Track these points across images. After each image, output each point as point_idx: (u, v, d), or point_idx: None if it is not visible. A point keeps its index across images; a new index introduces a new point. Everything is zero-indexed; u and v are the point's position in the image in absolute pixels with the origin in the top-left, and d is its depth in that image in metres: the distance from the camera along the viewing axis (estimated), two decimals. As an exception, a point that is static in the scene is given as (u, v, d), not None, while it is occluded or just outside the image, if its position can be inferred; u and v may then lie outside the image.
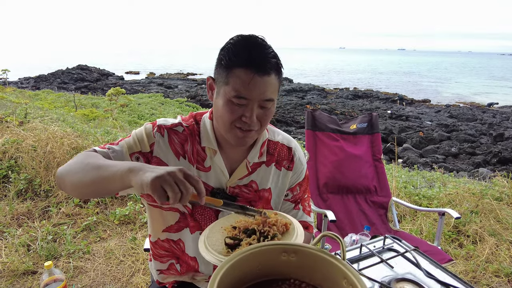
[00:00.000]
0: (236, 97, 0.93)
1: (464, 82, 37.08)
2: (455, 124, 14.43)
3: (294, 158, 1.18)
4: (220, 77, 0.97)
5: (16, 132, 3.90)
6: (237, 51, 0.94)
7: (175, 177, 0.74)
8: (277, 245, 0.76)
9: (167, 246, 1.18)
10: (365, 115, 2.62)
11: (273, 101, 0.97)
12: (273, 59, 0.95)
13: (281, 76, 0.99)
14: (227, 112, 0.96)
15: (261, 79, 0.92)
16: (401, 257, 0.95)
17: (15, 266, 2.37)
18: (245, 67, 0.92)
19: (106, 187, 0.87)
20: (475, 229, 3.05)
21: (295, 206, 1.23)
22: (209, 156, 1.08)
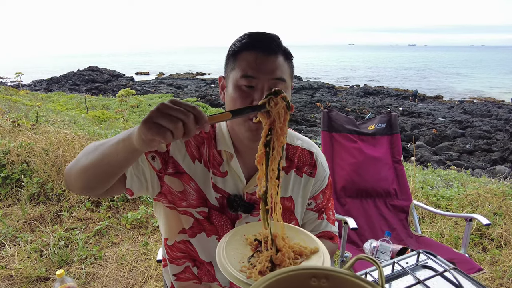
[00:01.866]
0: (243, 77, 0.90)
1: (477, 77, 36.28)
2: (469, 120, 14.10)
3: (317, 163, 1.10)
4: (229, 68, 0.96)
5: (28, 135, 3.91)
6: (242, 38, 0.95)
7: (167, 108, 0.63)
8: (306, 270, 0.68)
9: (183, 248, 1.11)
10: (383, 115, 2.51)
11: (284, 81, 0.92)
12: (280, 42, 0.94)
13: (290, 62, 0.96)
14: (237, 100, 0.91)
15: (267, 58, 0.90)
16: (439, 276, 0.86)
17: (28, 273, 2.35)
18: (251, 49, 0.91)
19: (110, 162, 0.77)
20: (500, 232, 2.92)
21: (319, 215, 1.14)
22: (226, 160, 1.01)
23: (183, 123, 0.64)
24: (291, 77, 0.98)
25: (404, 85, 26.65)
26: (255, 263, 0.80)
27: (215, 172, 1.01)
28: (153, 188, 0.99)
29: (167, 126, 0.63)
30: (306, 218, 1.14)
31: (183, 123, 0.64)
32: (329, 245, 1.16)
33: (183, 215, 1.05)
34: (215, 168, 1.01)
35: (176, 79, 28.03)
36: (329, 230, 1.16)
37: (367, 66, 54.93)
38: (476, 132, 12.08)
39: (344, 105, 16.57)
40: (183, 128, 0.64)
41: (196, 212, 1.03)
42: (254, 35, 0.95)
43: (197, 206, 1.03)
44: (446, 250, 1.98)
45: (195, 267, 1.13)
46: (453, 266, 0.87)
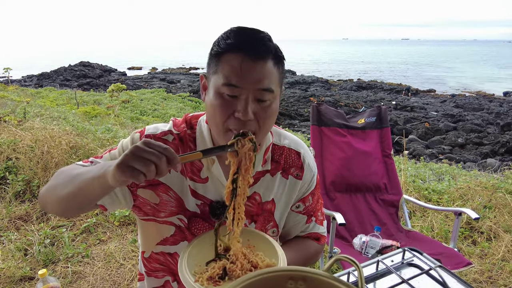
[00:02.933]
0: (226, 85, 0.80)
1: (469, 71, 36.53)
2: (461, 114, 14.19)
3: (304, 165, 1.03)
4: (211, 69, 0.85)
5: (14, 132, 3.81)
6: (227, 36, 0.83)
7: (140, 152, 0.66)
8: (282, 272, 0.65)
9: (162, 260, 1.07)
10: (373, 109, 2.48)
11: (272, 92, 0.82)
12: (270, 43, 0.83)
13: (281, 65, 0.86)
14: (218, 108, 0.82)
15: (254, 64, 0.80)
16: (424, 274, 0.83)
17: (12, 272, 2.29)
18: (236, 51, 0.80)
19: (86, 195, 0.81)
20: (489, 225, 2.93)
21: (308, 219, 1.09)
22: (206, 166, 0.95)
23: (156, 165, 0.66)
24: (281, 84, 0.88)
25: (398, 80, 26.74)
26: (210, 268, 0.80)
27: (194, 178, 0.96)
28: (126, 202, 0.95)
29: (140, 169, 0.65)
30: (294, 221, 1.09)
31: (155, 165, 0.66)
32: (313, 247, 1.12)
33: (163, 224, 1.00)
34: (194, 174, 0.96)
35: (169, 73, 27.78)
36: (316, 231, 1.11)
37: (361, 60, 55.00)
38: (468, 126, 12.17)
39: (338, 99, 16.57)
40: (156, 169, 0.67)
41: (177, 219, 0.99)
42: (241, 34, 0.83)
43: (177, 213, 0.98)
44: (435, 245, 1.97)
45: (175, 282, 1.08)
46: (439, 264, 0.84)
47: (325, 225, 1.17)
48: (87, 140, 3.96)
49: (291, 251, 1.02)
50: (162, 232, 1.01)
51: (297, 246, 1.08)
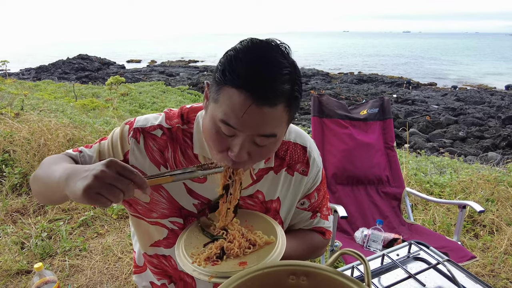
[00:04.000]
0: (223, 122, 0.71)
1: (471, 64, 36.33)
2: (462, 107, 14.12)
3: (310, 160, 0.97)
4: (212, 90, 0.74)
5: (10, 124, 3.76)
6: (236, 67, 0.68)
7: (107, 178, 0.62)
8: (284, 267, 0.61)
9: (156, 262, 1.03)
10: (376, 100, 2.43)
11: (274, 136, 0.73)
12: (286, 84, 0.69)
13: (294, 106, 0.73)
14: (213, 140, 0.75)
15: (259, 110, 0.68)
16: (431, 268, 0.79)
17: (8, 266, 2.26)
18: (241, 90, 0.67)
19: (55, 196, 0.77)
20: (492, 219, 2.89)
21: (313, 215, 1.05)
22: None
23: (123, 192, 0.63)
24: (290, 122, 0.77)
25: (399, 72, 26.60)
26: (207, 249, 0.78)
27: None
28: None
29: (107, 197, 0.62)
30: (298, 218, 1.04)
31: (122, 192, 0.63)
32: (318, 240, 1.08)
33: (154, 225, 0.95)
34: None
35: (168, 66, 27.63)
36: (321, 225, 1.07)
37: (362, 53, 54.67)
38: (469, 119, 12.12)
39: (338, 92, 16.50)
40: (123, 195, 0.64)
41: (169, 222, 0.94)
42: (252, 67, 0.68)
43: (169, 215, 0.93)
44: (439, 238, 1.93)
45: (171, 284, 1.04)
46: (447, 258, 0.80)
47: (331, 220, 1.13)
48: (85, 133, 3.91)
49: (295, 240, 0.98)
50: (153, 234, 0.97)
51: (301, 236, 1.04)
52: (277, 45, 0.72)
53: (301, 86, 0.73)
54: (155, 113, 0.96)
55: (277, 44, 0.72)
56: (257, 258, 0.75)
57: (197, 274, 0.72)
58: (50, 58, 26.08)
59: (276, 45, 0.72)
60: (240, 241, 0.79)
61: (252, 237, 0.81)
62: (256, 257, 0.76)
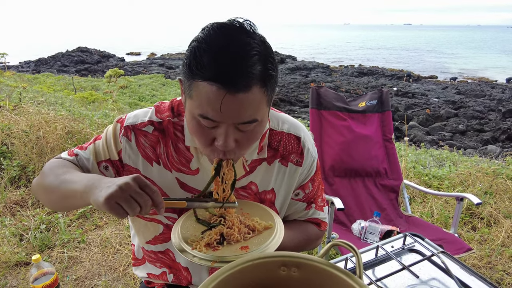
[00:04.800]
0: (201, 117, 0.70)
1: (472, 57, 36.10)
2: (462, 100, 14.06)
3: (304, 150, 0.96)
4: (185, 86, 0.72)
5: (8, 116, 3.75)
6: (200, 59, 0.66)
7: (129, 190, 0.66)
8: (275, 258, 0.60)
9: (154, 257, 1.04)
10: (374, 92, 2.41)
11: (256, 121, 0.72)
12: (257, 65, 0.66)
13: (270, 84, 0.70)
14: (197, 134, 0.75)
15: (234, 98, 0.66)
16: (426, 260, 0.79)
17: (7, 257, 2.27)
18: (211, 82, 0.65)
19: (73, 205, 0.83)
20: (490, 211, 2.89)
21: (308, 206, 1.04)
22: (196, 156, 0.89)
23: (140, 207, 0.67)
24: (270, 102, 0.75)
25: (399, 66, 26.46)
26: (206, 236, 0.78)
27: (182, 170, 0.90)
28: None
29: (126, 209, 0.66)
30: (293, 209, 1.04)
31: (140, 207, 0.67)
32: (313, 231, 1.08)
33: (151, 222, 0.96)
34: (183, 166, 0.90)
35: (167, 59, 27.46)
36: (316, 216, 1.06)
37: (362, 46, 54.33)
38: (469, 112, 12.08)
39: (339, 85, 16.43)
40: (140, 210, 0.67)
41: (164, 217, 0.94)
42: (217, 57, 0.65)
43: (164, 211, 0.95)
44: (436, 230, 1.93)
45: (171, 274, 1.05)
46: (442, 250, 0.80)
47: (326, 211, 1.12)
48: (83, 125, 3.90)
49: (290, 231, 0.97)
50: (150, 229, 0.97)
51: (296, 226, 1.04)
52: (240, 24, 0.69)
53: (274, 61, 0.70)
54: (146, 107, 0.95)
55: (241, 24, 0.69)
56: (257, 242, 0.77)
57: (198, 260, 0.72)
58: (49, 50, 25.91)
59: (239, 25, 0.69)
60: (239, 226, 0.80)
61: (251, 223, 0.82)
62: (256, 241, 0.77)
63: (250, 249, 0.74)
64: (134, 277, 2.20)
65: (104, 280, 2.17)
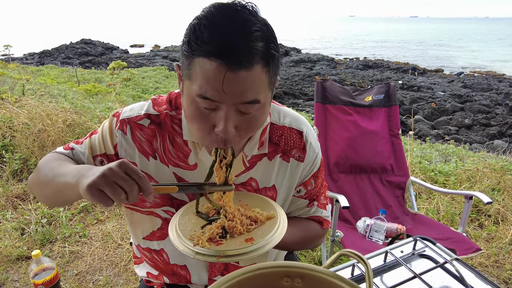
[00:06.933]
0: (200, 97, 0.66)
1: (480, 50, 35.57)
2: (469, 94, 13.86)
3: (306, 145, 0.92)
4: (183, 67, 0.70)
5: (10, 109, 3.73)
6: (200, 34, 0.63)
7: (113, 176, 0.62)
8: (277, 268, 0.56)
9: (149, 256, 1.00)
10: (381, 85, 2.34)
11: (258, 103, 0.68)
12: (259, 42, 0.64)
13: (273, 64, 0.68)
14: (195, 120, 0.71)
15: (236, 75, 0.63)
16: (438, 267, 0.75)
17: (9, 252, 2.26)
18: (212, 58, 0.63)
19: (67, 198, 0.79)
20: (497, 208, 2.84)
21: (309, 203, 1.00)
22: (194, 151, 0.86)
23: (126, 193, 0.63)
24: (272, 86, 0.72)
25: (405, 58, 26.15)
26: (206, 231, 0.74)
27: (180, 165, 0.86)
28: None
29: (110, 196, 0.62)
30: (294, 206, 1.00)
31: (126, 193, 0.63)
32: (315, 229, 1.04)
33: (149, 215, 0.92)
34: (181, 161, 0.86)
35: (171, 51, 27.30)
36: (318, 215, 1.02)
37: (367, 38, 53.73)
38: (476, 107, 11.91)
39: (343, 78, 16.27)
40: (126, 197, 0.63)
41: (162, 211, 0.91)
42: (219, 32, 0.63)
43: (162, 204, 0.90)
44: (444, 229, 1.88)
45: (165, 277, 1.02)
46: (455, 257, 0.75)
47: (329, 209, 1.08)
48: (85, 118, 3.87)
49: (290, 227, 0.94)
50: (148, 224, 0.94)
51: (297, 223, 1.00)
52: (243, 5, 0.67)
53: (277, 43, 0.68)
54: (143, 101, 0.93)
55: (243, 4, 0.67)
56: (262, 233, 0.74)
57: (201, 257, 0.69)
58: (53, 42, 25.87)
59: (242, 5, 0.67)
60: (241, 218, 0.77)
61: (252, 214, 0.79)
62: (260, 232, 0.74)
63: (255, 241, 0.71)
64: (135, 273, 2.18)
65: (105, 275, 2.16)
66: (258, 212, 0.80)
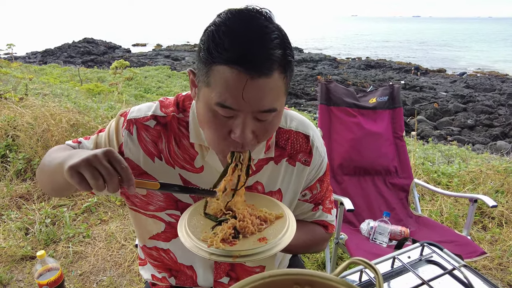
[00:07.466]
0: (219, 105, 0.66)
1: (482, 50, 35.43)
2: (471, 94, 13.82)
3: (313, 149, 0.92)
4: (200, 74, 0.69)
5: (14, 109, 3.74)
6: (220, 41, 0.63)
7: (95, 162, 0.63)
8: (287, 275, 0.56)
9: (156, 255, 1.00)
10: (385, 87, 2.34)
11: (275, 111, 0.69)
12: (277, 49, 0.64)
13: (289, 71, 0.69)
14: (211, 126, 0.71)
15: (256, 83, 0.63)
16: (445, 273, 0.75)
17: (13, 251, 2.27)
18: (232, 65, 0.63)
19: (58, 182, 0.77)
20: (501, 211, 2.83)
21: (314, 207, 1.00)
22: (201, 154, 0.86)
23: (105, 181, 0.63)
24: (287, 92, 0.73)
25: (407, 58, 26.08)
26: (218, 231, 0.74)
27: (186, 167, 0.86)
28: None
29: (88, 180, 0.63)
30: (299, 210, 1.00)
31: (104, 180, 0.63)
32: (320, 233, 1.04)
33: (152, 218, 0.92)
34: (187, 163, 0.86)
35: (173, 50, 27.33)
36: (323, 219, 1.03)
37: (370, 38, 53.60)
38: (478, 107, 11.88)
39: (346, 78, 16.24)
40: (104, 185, 0.64)
41: (166, 215, 0.90)
42: (239, 39, 0.63)
43: (166, 208, 0.90)
44: (448, 232, 1.88)
45: (172, 278, 1.02)
46: (463, 263, 0.75)
47: (334, 214, 1.08)
48: (89, 118, 3.88)
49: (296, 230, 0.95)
50: (152, 227, 0.94)
51: (302, 226, 0.99)
52: (258, 11, 0.67)
53: (292, 49, 0.69)
54: (150, 102, 0.93)
55: (258, 10, 0.67)
56: (273, 232, 0.74)
57: (216, 257, 0.69)
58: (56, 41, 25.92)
59: (257, 11, 0.67)
60: (251, 219, 0.77)
61: (262, 214, 0.79)
62: (272, 232, 0.75)
63: (269, 241, 0.72)
64: (138, 274, 2.19)
65: (109, 276, 2.16)
66: (267, 212, 0.81)
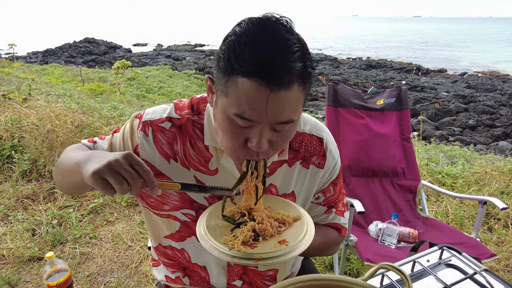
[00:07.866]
0: (238, 116, 0.67)
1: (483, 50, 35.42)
2: (473, 95, 13.83)
3: (327, 152, 0.93)
4: (219, 83, 0.69)
5: (19, 110, 3.74)
6: (241, 52, 0.63)
7: (118, 167, 0.64)
8: (315, 281, 0.56)
9: (171, 254, 1.01)
10: (393, 89, 2.34)
11: (292, 122, 0.70)
12: (298, 62, 0.64)
13: (309, 82, 0.69)
14: (227, 134, 0.71)
15: (276, 96, 0.63)
16: (465, 277, 0.75)
17: (20, 252, 2.28)
18: (253, 78, 0.62)
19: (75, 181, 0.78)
20: (507, 212, 2.83)
21: (328, 210, 1.01)
22: (215, 156, 0.86)
23: (129, 185, 0.65)
24: (306, 101, 0.73)
25: (408, 58, 26.08)
26: (238, 234, 0.74)
27: (201, 169, 0.87)
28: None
29: (113, 185, 0.64)
30: (312, 213, 1.00)
31: (129, 185, 0.65)
32: (333, 235, 1.04)
33: (167, 218, 0.93)
34: (202, 165, 0.87)
35: (174, 50, 27.34)
36: (336, 222, 1.03)
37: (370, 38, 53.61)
38: (480, 107, 11.88)
39: (347, 78, 16.24)
40: (129, 188, 0.65)
41: (181, 214, 0.91)
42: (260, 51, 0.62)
43: (181, 207, 0.90)
44: (456, 234, 1.88)
45: (186, 277, 1.02)
46: (484, 268, 0.76)
47: (347, 216, 1.09)
48: (93, 119, 3.88)
49: None
50: (165, 227, 0.95)
51: (316, 229, 1.00)
52: (278, 20, 0.67)
53: (312, 60, 0.69)
54: (164, 99, 0.93)
55: (278, 19, 0.67)
56: (292, 235, 0.75)
57: (239, 260, 0.69)
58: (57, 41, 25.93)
59: (277, 20, 0.67)
60: (269, 221, 0.77)
61: (280, 216, 0.80)
62: (291, 234, 0.75)
63: (289, 243, 0.72)
64: (147, 275, 2.19)
65: (116, 277, 2.17)
66: (284, 214, 0.81)
